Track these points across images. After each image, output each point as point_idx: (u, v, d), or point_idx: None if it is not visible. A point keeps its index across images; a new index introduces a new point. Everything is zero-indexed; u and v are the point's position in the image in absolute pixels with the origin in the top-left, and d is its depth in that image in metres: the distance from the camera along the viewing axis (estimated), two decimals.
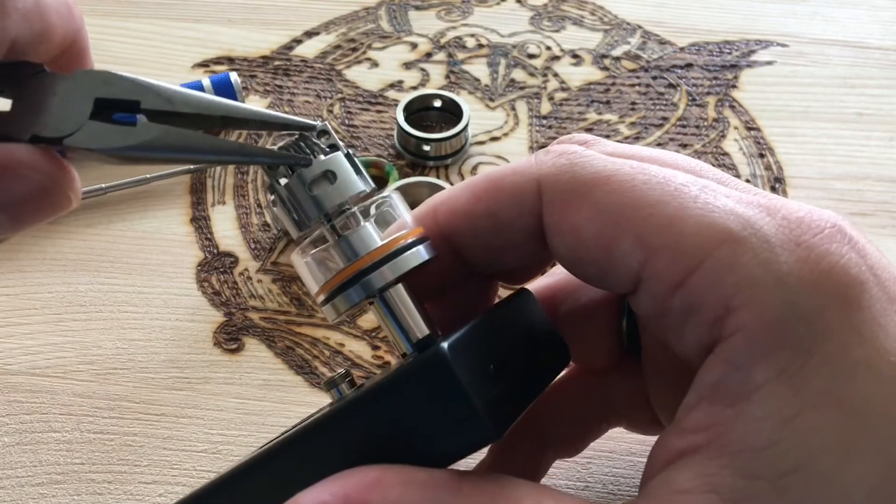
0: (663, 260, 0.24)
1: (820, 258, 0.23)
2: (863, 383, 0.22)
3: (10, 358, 0.37)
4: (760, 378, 0.22)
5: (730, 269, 0.23)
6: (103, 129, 0.24)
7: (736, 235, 0.23)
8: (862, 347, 0.22)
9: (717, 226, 0.23)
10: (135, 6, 0.54)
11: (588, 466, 0.33)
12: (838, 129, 0.47)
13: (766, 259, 0.23)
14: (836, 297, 0.22)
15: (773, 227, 0.23)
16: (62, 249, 0.42)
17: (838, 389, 0.22)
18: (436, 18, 0.54)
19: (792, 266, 0.23)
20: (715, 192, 0.24)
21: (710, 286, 0.23)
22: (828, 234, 0.23)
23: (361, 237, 0.25)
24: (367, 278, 0.25)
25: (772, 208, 0.24)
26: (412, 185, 0.43)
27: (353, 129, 0.47)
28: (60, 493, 0.33)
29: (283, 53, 0.52)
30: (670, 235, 0.23)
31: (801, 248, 0.23)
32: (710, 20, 0.54)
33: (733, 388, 0.23)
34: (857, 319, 0.22)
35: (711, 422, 0.23)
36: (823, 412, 0.22)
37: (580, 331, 0.30)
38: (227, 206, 0.44)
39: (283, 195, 0.25)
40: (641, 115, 0.48)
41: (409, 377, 0.23)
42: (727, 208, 0.24)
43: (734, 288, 0.23)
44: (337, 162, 0.25)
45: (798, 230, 0.23)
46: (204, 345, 0.38)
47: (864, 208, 0.43)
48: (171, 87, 0.25)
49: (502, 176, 0.26)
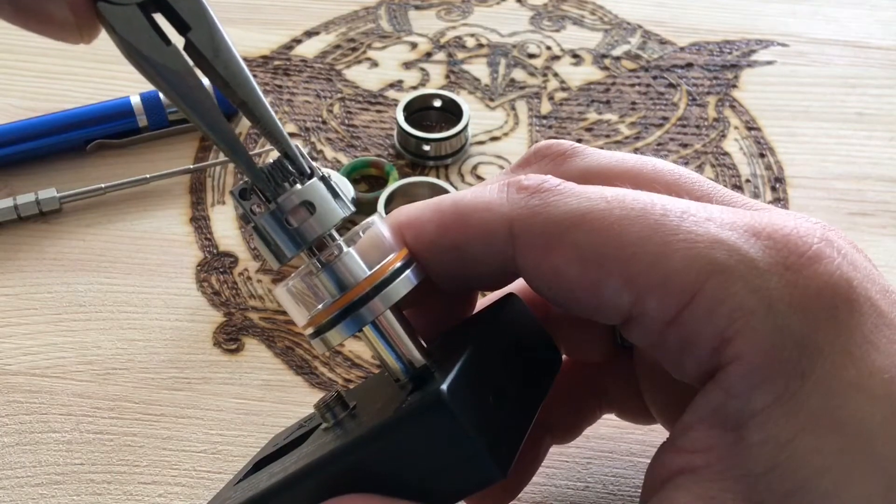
0: (654, 298, 0.24)
1: (809, 279, 0.23)
2: (857, 403, 0.22)
3: (10, 358, 0.37)
4: (758, 404, 0.22)
5: (721, 301, 0.23)
6: (140, 24, 0.23)
7: (723, 266, 0.23)
8: (854, 368, 0.22)
9: (704, 258, 0.23)
10: None
11: (588, 466, 0.33)
12: (839, 128, 0.47)
13: (755, 286, 0.23)
14: (827, 319, 0.23)
15: (759, 252, 0.23)
16: (62, 249, 0.42)
17: (833, 411, 0.22)
18: (436, 18, 0.54)
19: (781, 291, 0.23)
20: (696, 219, 0.24)
21: (703, 320, 0.23)
22: (815, 252, 0.23)
23: (347, 266, 0.24)
24: (358, 311, 0.24)
25: (756, 228, 0.24)
26: (412, 185, 0.43)
27: (353, 128, 0.47)
28: (60, 494, 0.33)
29: (283, 53, 0.52)
30: (658, 274, 0.23)
31: (790, 271, 0.23)
32: (711, 20, 0.54)
33: (732, 415, 0.23)
34: (847, 340, 0.23)
35: (710, 445, 0.23)
36: (820, 434, 0.22)
37: (573, 332, 0.30)
38: (227, 205, 0.44)
39: (261, 229, 0.24)
40: (641, 114, 0.48)
41: (409, 420, 0.23)
42: (711, 237, 0.23)
43: (727, 319, 0.23)
44: (314, 190, 0.24)
45: (785, 251, 0.23)
46: (204, 345, 0.38)
47: (865, 208, 0.43)
48: (226, 37, 0.24)
49: (472, 210, 0.26)
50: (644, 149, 0.46)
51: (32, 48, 0.51)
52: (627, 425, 0.34)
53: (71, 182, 0.44)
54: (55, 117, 0.46)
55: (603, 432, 0.34)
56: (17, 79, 0.50)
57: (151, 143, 0.46)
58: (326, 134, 0.47)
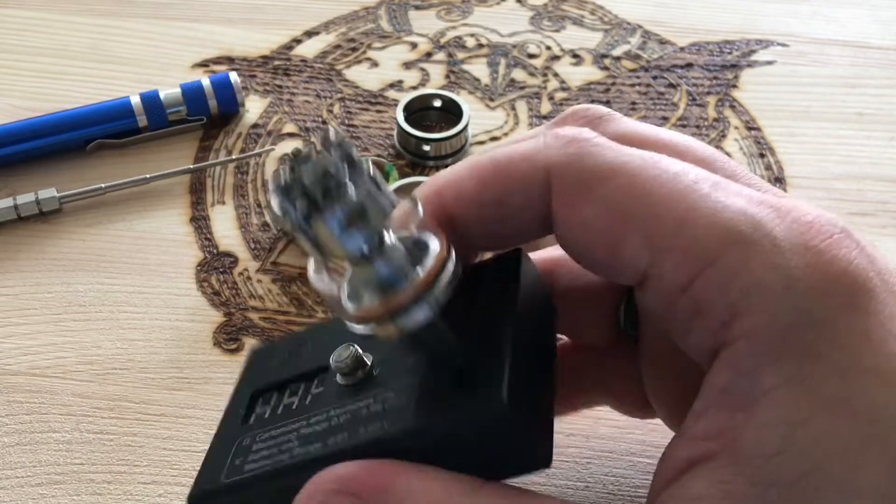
0: (671, 261, 0.23)
1: (830, 263, 0.22)
2: (874, 389, 0.22)
3: (10, 358, 0.37)
4: (769, 383, 0.22)
5: (738, 273, 0.22)
6: None
7: (746, 238, 0.23)
8: (872, 354, 0.22)
9: (728, 227, 0.23)
10: (134, 6, 0.54)
11: (588, 466, 0.33)
12: (839, 128, 0.47)
13: (775, 263, 0.22)
14: (846, 303, 0.22)
15: (783, 230, 0.23)
16: (62, 249, 0.42)
17: (849, 396, 0.22)
18: (436, 18, 0.54)
19: (802, 271, 0.22)
20: (726, 190, 0.24)
21: (717, 290, 0.23)
22: (836, 239, 0.23)
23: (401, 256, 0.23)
24: (431, 294, 0.23)
25: (783, 209, 0.23)
26: (412, 184, 0.43)
27: (353, 128, 0.47)
28: (60, 494, 0.33)
29: (283, 53, 0.52)
30: (679, 237, 0.23)
31: (811, 252, 0.22)
32: (711, 20, 0.54)
33: (741, 394, 0.22)
34: (866, 325, 0.22)
35: (722, 427, 0.23)
36: (834, 418, 0.22)
37: (577, 311, 0.29)
38: (227, 205, 0.44)
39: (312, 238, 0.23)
40: (642, 114, 0.48)
41: (467, 424, 0.23)
42: (738, 208, 0.23)
43: (742, 292, 0.22)
44: (369, 192, 0.22)
45: (808, 234, 0.23)
46: (204, 345, 0.38)
47: (865, 208, 0.43)
48: None
49: (510, 160, 0.26)
50: None
51: (32, 48, 0.51)
52: (628, 425, 0.34)
53: (71, 182, 0.44)
54: (55, 117, 0.46)
55: (603, 432, 0.34)
56: (17, 79, 0.50)
57: (151, 143, 0.46)
58: None
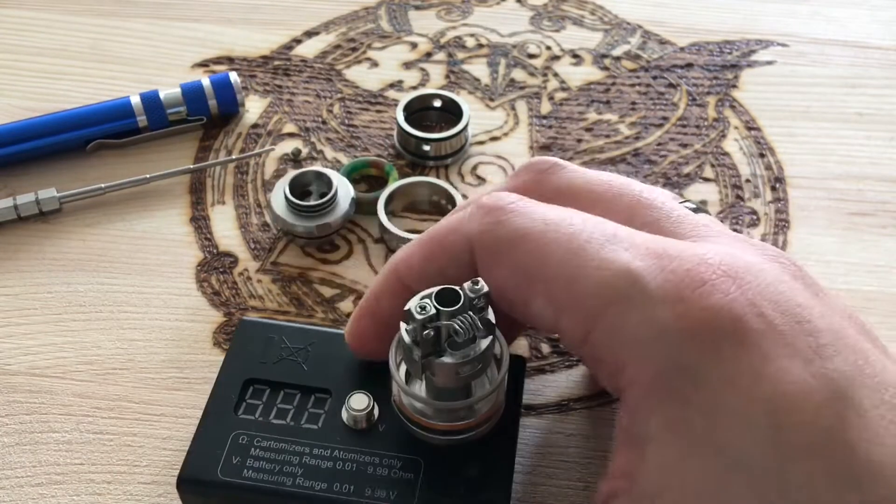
0: (567, 319, 0.26)
1: (697, 312, 0.24)
2: (737, 431, 0.23)
3: (10, 358, 0.37)
4: (653, 428, 0.24)
5: (618, 328, 0.25)
6: None
7: (622, 294, 0.25)
8: (736, 396, 0.23)
9: (608, 285, 0.25)
10: (134, 6, 0.54)
11: (588, 466, 0.33)
12: (839, 128, 0.47)
13: (647, 316, 0.24)
14: (712, 349, 0.24)
15: (659, 283, 0.25)
16: (62, 249, 0.42)
17: (715, 437, 0.23)
18: (436, 18, 0.54)
19: (672, 322, 0.24)
20: (615, 246, 0.26)
21: (605, 344, 0.25)
22: (710, 287, 0.24)
23: None
24: None
25: (665, 260, 0.25)
26: (412, 184, 0.43)
27: (353, 128, 0.47)
28: (60, 494, 0.33)
29: (283, 53, 0.52)
30: (571, 296, 0.26)
31: (682, 303, 0.24)
32: (711, 20, 0.54)
33: (636, 436, 0.25)
34: (732, 369, 0.24)
35: (627, 467, 0.25)
36: (702, 459, 0.23)
37: None
38: (227, 205, 0.44)
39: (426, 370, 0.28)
40: (641, 114, 0.48)
41: None
42: (621, 264, 0.25)
43: (623, 346, 0.25)
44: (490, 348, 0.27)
45: (682, 283, 0.24)
46: (204, 345, 0.38)
47: (865, 208, 0.43)
48: None
49: (444, 235, 0.29)
50: (644, 149, 0.46)
51: (32, 48, 0.51)
52: None
53: (71, 182, 0.44)
54: (55, 117, 0.46)
55: (603, 432, 0.34)
56: (17, 79, 0.50)
57: (151, 143, 0.46)
58: (326, 134, 0.47)
